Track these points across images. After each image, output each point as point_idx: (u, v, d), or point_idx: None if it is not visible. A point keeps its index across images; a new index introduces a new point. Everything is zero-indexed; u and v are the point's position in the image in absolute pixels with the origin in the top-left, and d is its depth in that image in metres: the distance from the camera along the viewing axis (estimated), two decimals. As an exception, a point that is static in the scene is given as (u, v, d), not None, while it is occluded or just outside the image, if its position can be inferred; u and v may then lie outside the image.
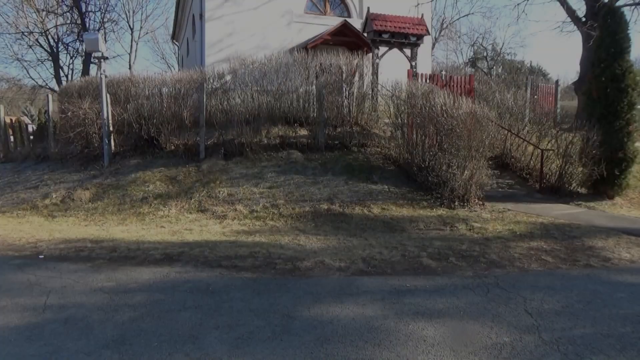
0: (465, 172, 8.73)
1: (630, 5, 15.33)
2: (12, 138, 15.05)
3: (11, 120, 15.96)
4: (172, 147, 11.35)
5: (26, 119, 27.91)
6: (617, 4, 14.47)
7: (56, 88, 26.49)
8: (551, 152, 10.45)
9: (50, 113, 13.34)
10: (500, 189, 10.32)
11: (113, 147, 11.46)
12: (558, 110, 14.65)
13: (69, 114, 11.76)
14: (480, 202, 8.85)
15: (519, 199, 9.62)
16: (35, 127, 18.28)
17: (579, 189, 10.17)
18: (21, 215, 9.15)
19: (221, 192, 9.34)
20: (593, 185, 9.91)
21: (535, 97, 14.63)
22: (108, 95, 11.28)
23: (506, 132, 11.39)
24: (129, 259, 5.82)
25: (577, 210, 9.00)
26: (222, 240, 6.87)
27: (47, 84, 30.05)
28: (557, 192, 9.96)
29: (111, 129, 11.35)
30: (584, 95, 10.66)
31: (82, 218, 8.84)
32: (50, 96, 14.09)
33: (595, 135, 9.52)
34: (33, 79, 31.22)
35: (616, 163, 9.57)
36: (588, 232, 7.25)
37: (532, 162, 10.92)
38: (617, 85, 9.50)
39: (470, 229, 7.46)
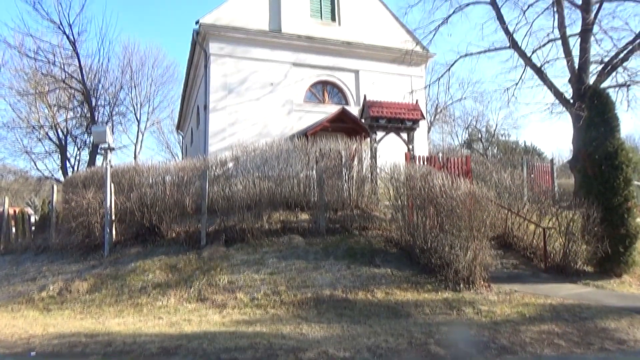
0: (469, 252, 8.63)
1: (614, 87, 16.04)
2: (13, 229, 15.09)
3: (14, 211, 16.13)
4: (174, 235, 11.35)
5: (29, 210, 28.17)
6: (602, 85, 15.14)
7: (62, 179, 26.91)
8: (553, 230, 10.40)
9: (54, 203, 13.48)
10: (505, 269, 10.14)
11: (114, 236, 11.45)
12: (556, 189, 14.79)
13: (72, 203, 11.90)
14: (486, 284, 8.66)
15: (525, 280, 9.42)
16: (37, 218, 18.40)
17: (585, 267, 10.00)
18: (16, 309, 8.92)
19: (221, 280, 9.17)
20: (599, 263, 9.76)
21: (532, 176, 14.84)
22: (112, 185, 11.47)
23: (506, 211, 11.41)
24: (124, 353, 5.59)
25: (586, 290, 8.79)
26: (221, 331, 6.64)
27: (53, 175, 30.57)
28: (562, 271, 9.78)
29: (113, 217, 11.41)
30: (579, 173, 10.84)
31: (78, 311, 8.61)
32: (55, 186, 14.36)
33: (595, 212, 9.53)
34: (40, 171, 31.70)
35: (619, 239, 9.49)
36: (599, 312, 7.03)
37: (534, 241, 10.82)
38: (611, 162, 9.71)
39: (477, 313, 7.24)
